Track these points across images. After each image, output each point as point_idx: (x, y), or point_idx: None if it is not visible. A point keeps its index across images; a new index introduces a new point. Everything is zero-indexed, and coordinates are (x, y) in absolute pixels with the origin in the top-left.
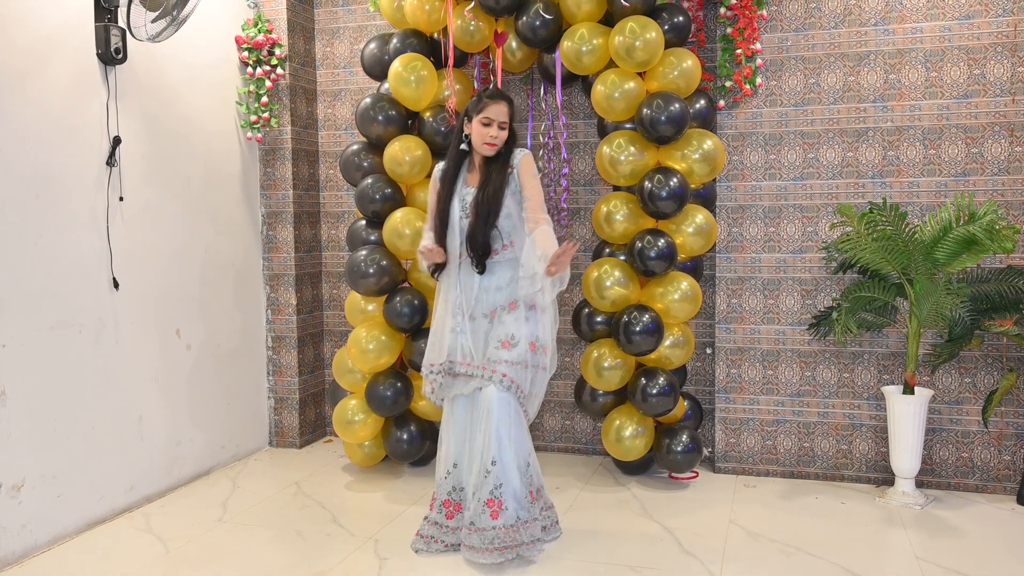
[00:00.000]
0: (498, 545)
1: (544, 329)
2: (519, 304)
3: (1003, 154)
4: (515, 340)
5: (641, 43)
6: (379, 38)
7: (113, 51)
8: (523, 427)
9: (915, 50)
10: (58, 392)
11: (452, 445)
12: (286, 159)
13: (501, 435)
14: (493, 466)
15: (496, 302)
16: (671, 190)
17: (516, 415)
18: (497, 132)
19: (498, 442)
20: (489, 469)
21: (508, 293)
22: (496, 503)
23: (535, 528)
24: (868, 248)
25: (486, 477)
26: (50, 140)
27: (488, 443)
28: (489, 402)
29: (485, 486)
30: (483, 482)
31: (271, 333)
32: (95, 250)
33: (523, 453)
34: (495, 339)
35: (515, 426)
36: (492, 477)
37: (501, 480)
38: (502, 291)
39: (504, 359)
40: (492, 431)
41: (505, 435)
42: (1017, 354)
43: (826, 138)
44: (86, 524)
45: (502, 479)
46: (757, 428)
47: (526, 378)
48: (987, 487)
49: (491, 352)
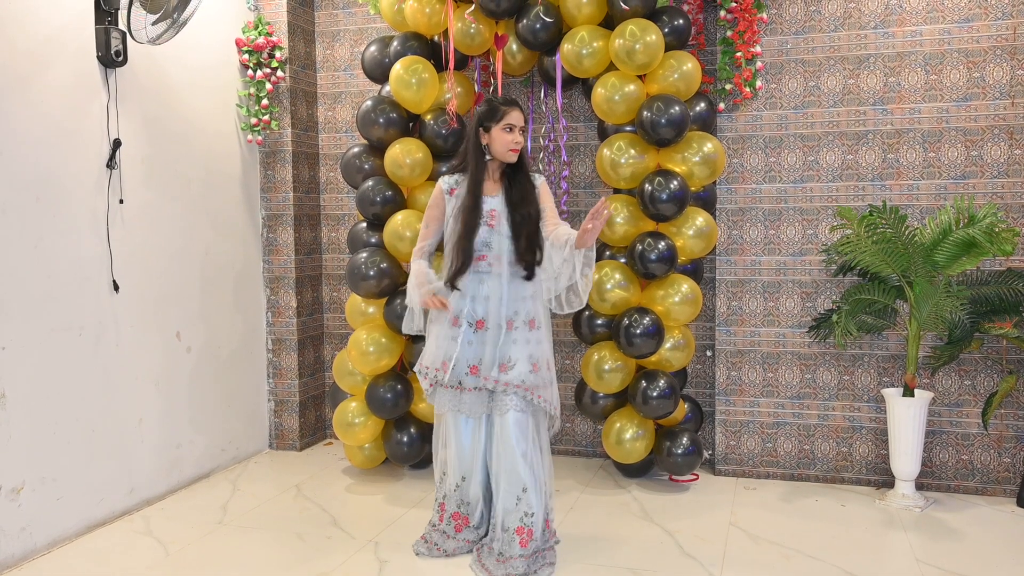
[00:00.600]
0: (520, 572)
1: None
2: (538, 323)
3: (1002, 157)
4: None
5: (641, 46)
6: (380, 41)
7: (113, 54)
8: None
9: (914, 53)
10: (58, 394)
11: (460, 458)
12: (286, 161)
13: (531, 462)
14: (524, 493)
15: (510, 314)
16: (671, 193)
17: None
18: (519, 137)
19: (528, 469)
20: (520, 496)
21: (524, 307)
22: (526, 531)
23: (551, 555)
24: (868, 251)
25: (516, 504)
26: (51, 143)
27: (517, 471)
28: (511, 429)
29: (515, 514)
30: (513, 509)
31: (271, 336)
32: (95, 252)
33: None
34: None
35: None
36: (523, 504)
37: (534, 508)
38: (517, 303)
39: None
40: (517, 458)
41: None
42: (1017, 356)
43: (826, 141)
44: (86, 527)
45: (534, 507)
46: (757, 431)
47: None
48: (987, 489)
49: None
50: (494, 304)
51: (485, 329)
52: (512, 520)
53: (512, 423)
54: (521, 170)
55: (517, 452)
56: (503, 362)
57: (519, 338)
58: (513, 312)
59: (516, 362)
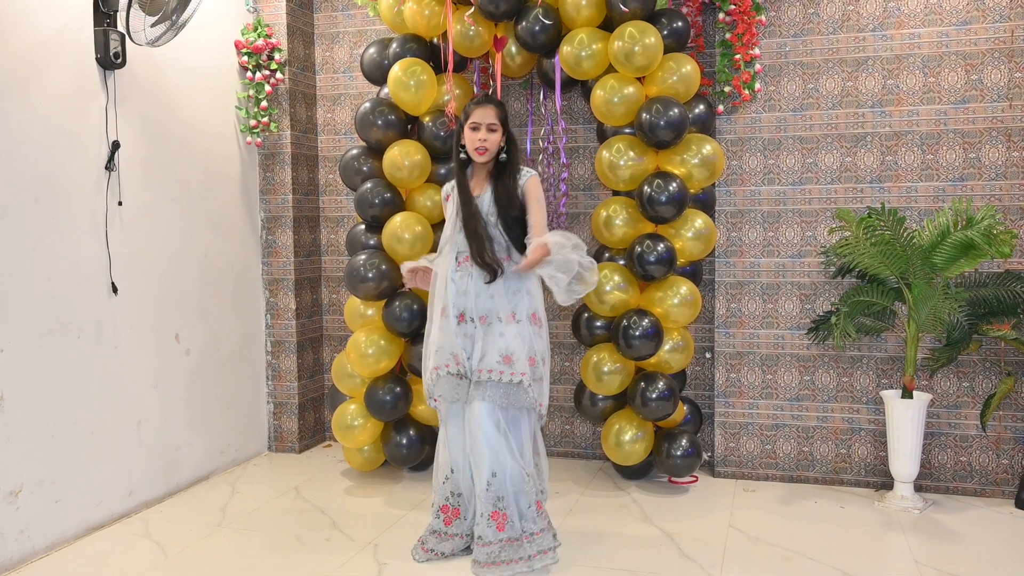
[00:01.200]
0: (504, 559)
1: (542, 341)
2: (519, 317)
3: (1000, 159)
4: (516, 356)
5: (640, 48)
6: (379, 43)
7: (112, 55)
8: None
9: (913, 56)
10: (57, 397)
11: (450, 450)
12: (285, 163)
13: (495, 447)
14: (494, 478)
15: (489, 308)
16: (670, 195)
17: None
18: (486, 135)
19: (492, 454)
20: (490, 482)
21: (504, 303)
22: (501, 516)
23: (545, 538)
24: (866, 253)
25: (487, 489)
26: (50, 144)
27: (483, 456)
28: (479, 415)
29: (487, 499)
30: (484, 494)
31: (270, 338)
32: (94, 254)
33: (527, 463)
34: (496, 352)
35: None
36: (494, 489)
37: (502, 492)
38: (494, 300)
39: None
40: (483, 443)
41: (498, 446)
42: (1015, 358)
43: (824, 143)
44: (84, 530)
45: (503, 491)
46: (756, 432)
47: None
48: (986, 491)
49: (492, 363)
50: (471, 299)
51: (466, 323)
52: (486, 506)
53: (480, 411)
54: (505, 170)
55: (481, 438)
56: (507, 355)
57: (493, 332)
58: (488, 308)
59: (486, 354)
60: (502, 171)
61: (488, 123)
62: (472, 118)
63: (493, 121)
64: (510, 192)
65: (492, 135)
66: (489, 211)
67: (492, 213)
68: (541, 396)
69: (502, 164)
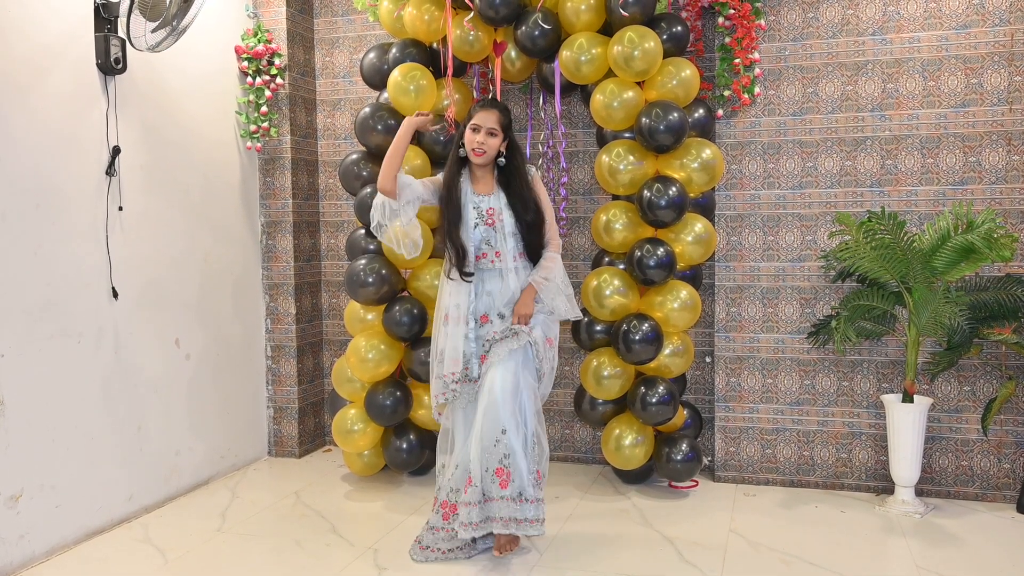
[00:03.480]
0: (502, 516)
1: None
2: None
3: (1001, 163)
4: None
5: (640, 52)
6: (378, 48)
7: (113, 61)
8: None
9: (912, 59)
10: (57, 401)
11: (459, 447)
12: (285, 168)
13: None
14: (504, 435)
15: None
16: (670, 199)
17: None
18: (484, 139)
19: (507, 411)
20: (499, 439)
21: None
22: (506, 473)
23: (540, 509)
24: (867, 257)
25: (495, 445)
26: (50, 150)
27: (498, 412)
28: (499, 376)
29: (494, 454)
30: (492, 449)
31: (270, 342)
32: (94, 259)
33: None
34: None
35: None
36: (502, 446)
37: (510, 450)
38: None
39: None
40: (499, 400)
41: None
42: (1016, 362)
43: (824, 147)
44: (85, 534)
45: (511, 449)
46: (757, 437)
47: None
48: (987, 495)
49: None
50: (497, 299)
51: (489, 323)
52: (492, 460)
53: (499, 370)
54: (515, 175)
55: (498, 393)
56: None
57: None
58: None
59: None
60: (512, 176)
61: (488, 127)
62: (474, 120)
63: (494, 126)
64: (524, 197)
65: (491, 139)
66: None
67: (510, 217)
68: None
69: (504, 169)
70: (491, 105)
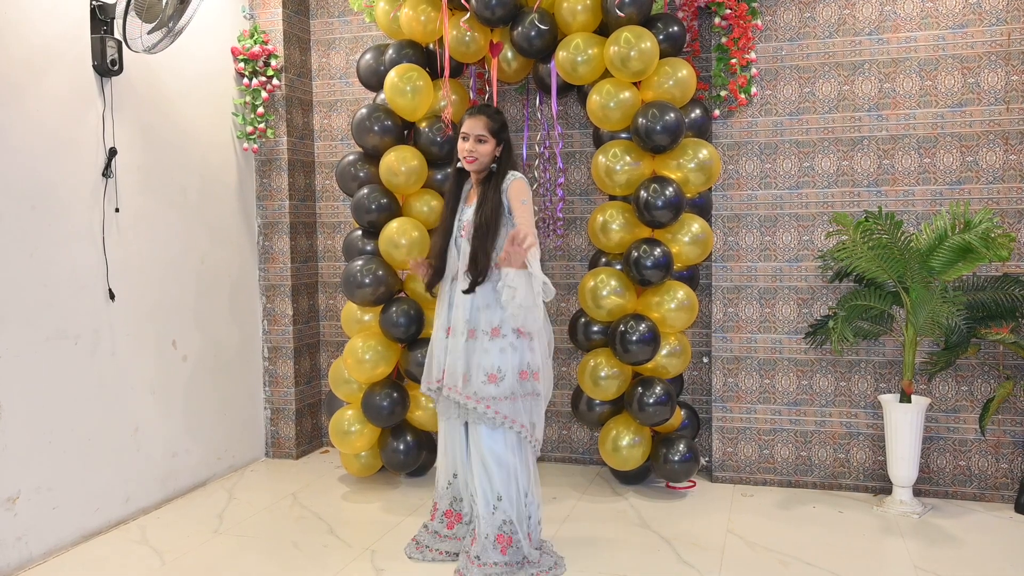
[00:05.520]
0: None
1: (535, 354)
2: (503, 331)
3: (998, 162)
4: (502, 373)
5: (636, 53)
6: (375, 49)
7: (109, 63)
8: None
9: (909, 59)
10: (54, 404)
11: (452, 456)
12: (282, 170)
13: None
14: (500, 501)
15: (477, 322)
16: (667, 199)
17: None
18: (473, 146)
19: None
20: (496, 505)
21: (489, 315)
22: (506, 539)
23: (546, 562)
24: (864, 257)
25: (492, 513)
26: (46, 152)
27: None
28: (480, 439)
29: (493, 522)
30: (489, 518)
31: (267, 344)
32: (91, 261)
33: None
34: (481, 371)
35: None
36: (500, 513)
37: (510, 516)
38: (481, 312)
39: (492, 395)
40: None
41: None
42: (1014, 362)
43: (821, 147)
44: (82, 536)
45: (510, 515)
46: (754, 437)
47: (520, 410)
48: (985, 495)
49: (478, 386)
50: (457, 312)
51: (453, 336)
52: (490, 528)
53: (483, 432)
54: (489, 181)
55: (490, 459)
56: (464, 372)
57: (478, 348)
58: (475, 321)
59: (473, 375)
60: (487, 182)
61: (476, 134)
62: (463, 128)
63: (482, 132)
64: (493, 211)
65: (480, 146)
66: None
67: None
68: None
69: (486, 176)
70: (478, 111)
